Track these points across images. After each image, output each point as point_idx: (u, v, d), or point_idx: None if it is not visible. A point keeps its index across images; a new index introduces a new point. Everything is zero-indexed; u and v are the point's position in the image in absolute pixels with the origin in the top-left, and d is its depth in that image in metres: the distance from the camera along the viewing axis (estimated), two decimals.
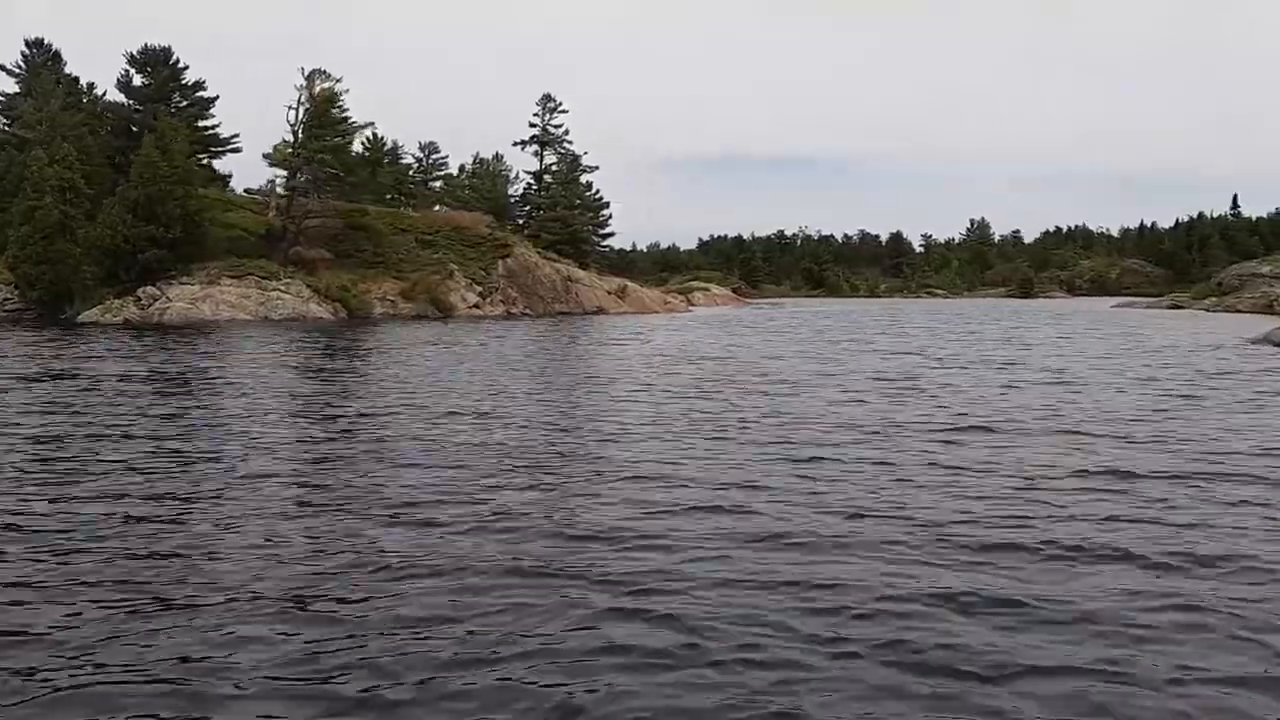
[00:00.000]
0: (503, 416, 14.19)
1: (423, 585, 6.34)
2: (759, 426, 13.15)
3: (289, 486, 9.35)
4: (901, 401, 15.90)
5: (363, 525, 7.89)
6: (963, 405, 15.33)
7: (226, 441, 11.76)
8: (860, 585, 6.33)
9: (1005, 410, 14.75)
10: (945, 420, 13.65)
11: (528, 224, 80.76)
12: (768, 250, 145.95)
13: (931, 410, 14.79)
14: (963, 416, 14.01)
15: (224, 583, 6.37)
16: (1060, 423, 13.45)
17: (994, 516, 8.16)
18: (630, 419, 13.81)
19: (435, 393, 17.10)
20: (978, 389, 17.76)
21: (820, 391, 17.35)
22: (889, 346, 30.07)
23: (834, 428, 13.01)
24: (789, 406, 15.32)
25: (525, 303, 53.91)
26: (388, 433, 12.65)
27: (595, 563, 6.83)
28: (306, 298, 45.36)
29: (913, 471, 10.10)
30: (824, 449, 11.37)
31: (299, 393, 17.44)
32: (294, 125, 52.01)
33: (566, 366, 23.16)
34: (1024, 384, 18.58)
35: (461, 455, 11.01)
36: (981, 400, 16.12)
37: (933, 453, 11.15)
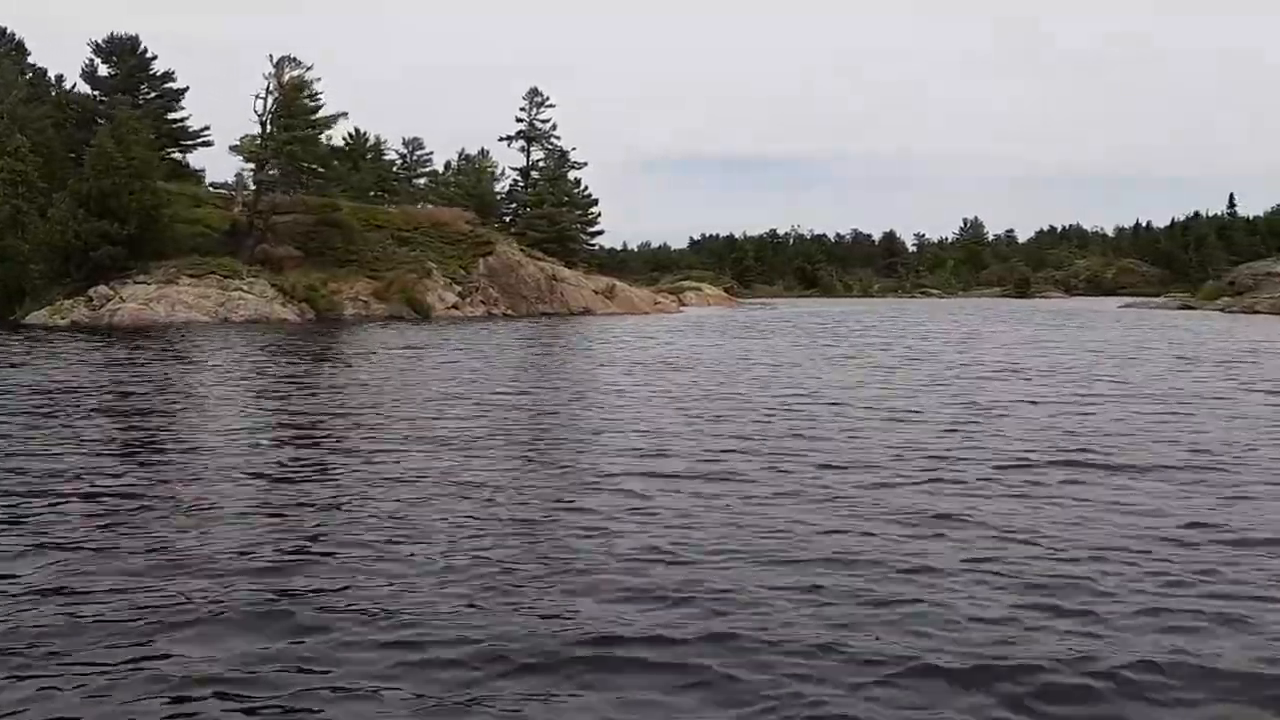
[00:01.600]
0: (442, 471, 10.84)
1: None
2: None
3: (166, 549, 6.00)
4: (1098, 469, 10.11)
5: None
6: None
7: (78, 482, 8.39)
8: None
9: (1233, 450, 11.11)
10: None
11: (514, 222, 77.39)
12: (760, 250, 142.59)
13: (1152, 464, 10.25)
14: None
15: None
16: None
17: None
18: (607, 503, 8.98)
19: (365, 418, 13.75)
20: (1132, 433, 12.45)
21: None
22: (957, 358, 24.08)
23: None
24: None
25: (507, 303, 50.51)
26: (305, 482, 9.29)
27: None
28: (270, 298, 41.91)
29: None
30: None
31: (199, 420, 14.02)
32: (261, 115, 48.58)
33: (523, 394, 19.77)
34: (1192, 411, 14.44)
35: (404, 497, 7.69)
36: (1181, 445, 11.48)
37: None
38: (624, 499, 8.56)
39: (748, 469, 9.91)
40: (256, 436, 11.98)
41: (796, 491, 8.88)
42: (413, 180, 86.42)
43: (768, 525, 7.66)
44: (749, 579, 6.31)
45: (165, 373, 19.66)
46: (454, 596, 5.98)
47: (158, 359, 22.96)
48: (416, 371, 20.64)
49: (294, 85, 48.11)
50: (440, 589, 6.11)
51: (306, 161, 48.71)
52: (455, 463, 10.25)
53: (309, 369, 21.22)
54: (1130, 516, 7.99)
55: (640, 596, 5.98)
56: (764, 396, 16.20)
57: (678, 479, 9.40)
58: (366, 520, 7.79)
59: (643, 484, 9.20)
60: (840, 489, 8.99)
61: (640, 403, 15.48)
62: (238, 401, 15.67)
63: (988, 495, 8.81)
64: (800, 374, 20.37)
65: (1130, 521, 7.82)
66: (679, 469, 9.89)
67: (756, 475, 9.62)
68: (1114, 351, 26.45)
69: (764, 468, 10.00)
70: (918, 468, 10.02)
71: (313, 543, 7.17)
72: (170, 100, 62.39)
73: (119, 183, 42.32)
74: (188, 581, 6.20)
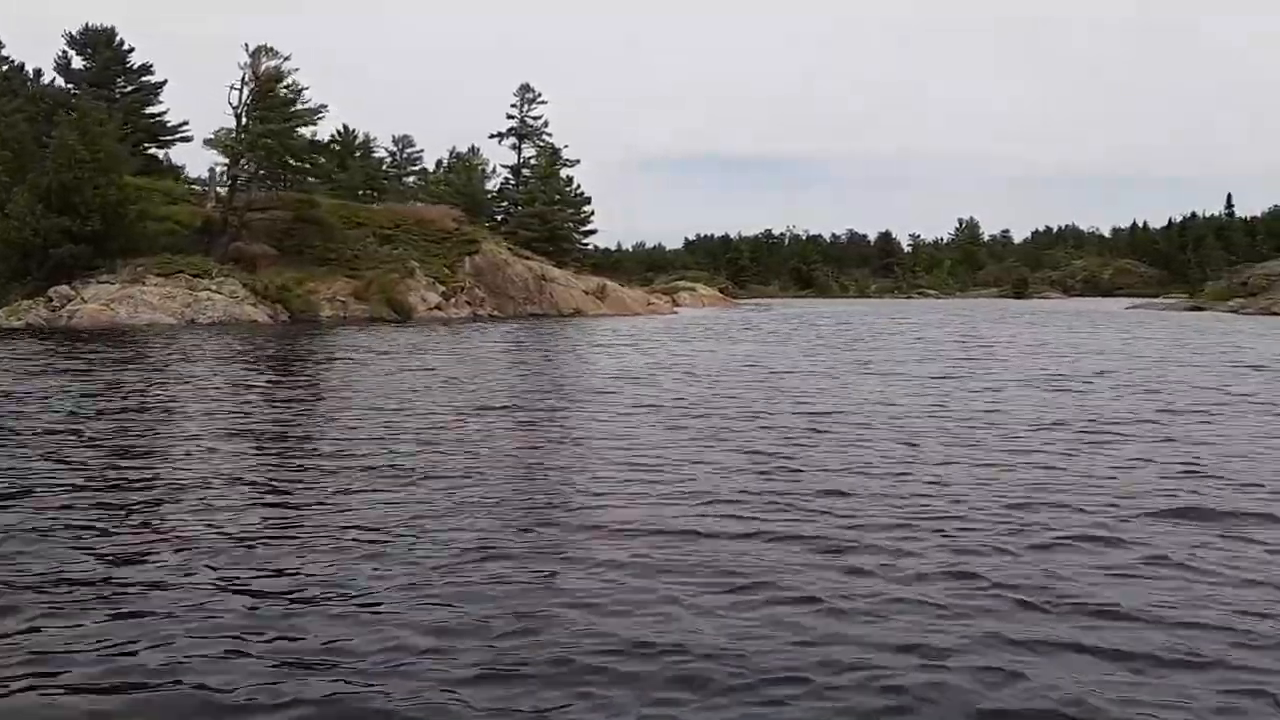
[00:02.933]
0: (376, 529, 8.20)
1: None
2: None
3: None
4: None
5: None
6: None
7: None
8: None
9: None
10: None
11: (506, 221, 74.74)
12: (755, 250, 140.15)
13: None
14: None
15: None
16: None
17: None
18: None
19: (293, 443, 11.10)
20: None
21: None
22: (1011, 371, 20.29)
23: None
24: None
25: (494, 303, 47.86)
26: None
27: None
28: (241, 298, 39.19)
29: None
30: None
31: (97, 446, 11.36)
32: (236, 108, 45.83)
33: (489, 412, 17.11)
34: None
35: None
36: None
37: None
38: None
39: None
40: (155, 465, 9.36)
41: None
42: (403, 178, 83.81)
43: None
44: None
45: (63, 384, 16.98)
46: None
47: (89, 365, 20.28)
48: (363, 384, 17.99)
49: (271, 76, 45.41)
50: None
51: (283, 155, 46.00)
52: (397, 514, 7.62)
53: (247, 378, 18.55)
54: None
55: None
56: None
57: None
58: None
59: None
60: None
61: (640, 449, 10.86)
62: (126, 420, 13.02)
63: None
64: (865, 395, 16.14)
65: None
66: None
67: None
68: (1174, 357, 23.84)
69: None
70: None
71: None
72: (148, 94, 59.68)
73: (82, 177, 39.62)
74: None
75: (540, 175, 75.59)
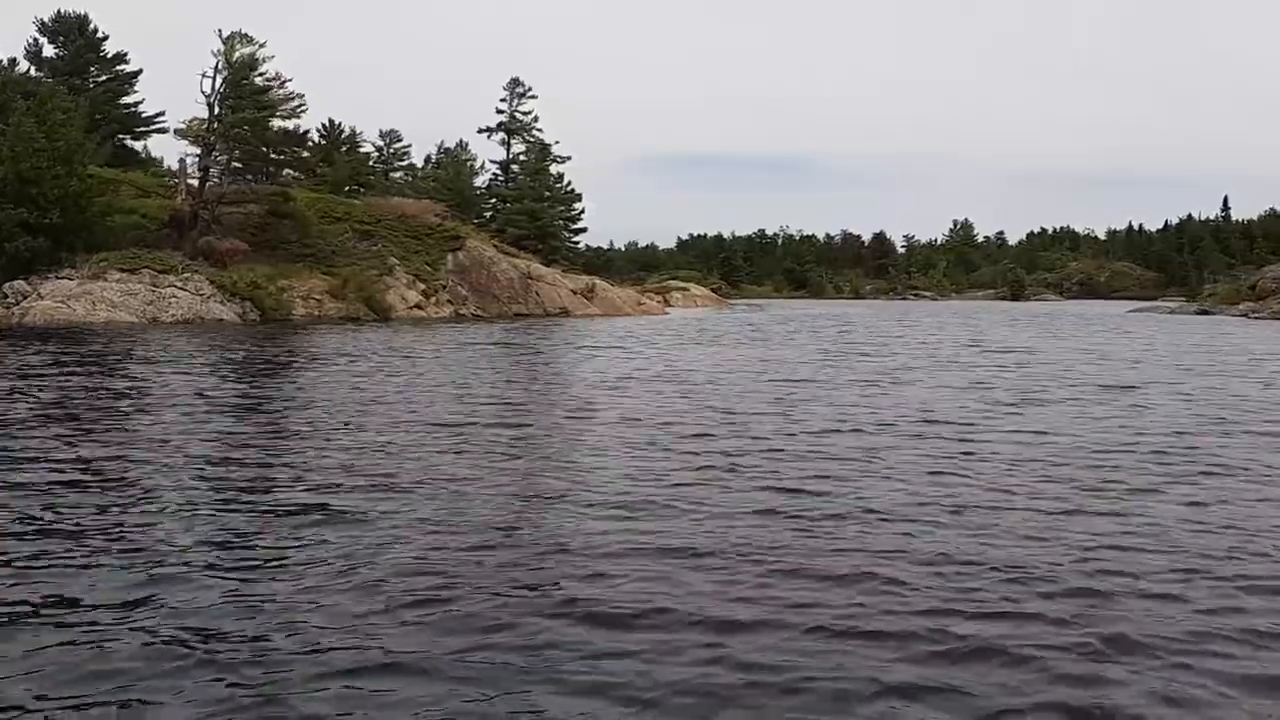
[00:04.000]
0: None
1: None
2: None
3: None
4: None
5: None
6: None
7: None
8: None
9: None
10: None
11: (494, 218, 72.34)
12: (748, 250, 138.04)
13: None
14: None
15: None
16: None
17: None
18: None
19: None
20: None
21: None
22: (1064, 375, 18.55)
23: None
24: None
25: (477, 303, 45.48)
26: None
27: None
28: (206, 296, 36.76)
29: None
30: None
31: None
32: (209, 96, 43.33)
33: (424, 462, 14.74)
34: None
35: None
36: None
37: None
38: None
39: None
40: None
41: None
42: (390, 174, 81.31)
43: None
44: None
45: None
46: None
47: (41, 369, 17.90)
48: (307, 395, 15.65)
49: (244, 63, 42.96)
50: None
51: (257, 146, 43.56)
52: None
53: (173, 386, 16.19)
54: None
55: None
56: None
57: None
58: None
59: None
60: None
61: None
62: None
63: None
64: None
65: None
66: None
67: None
68: (1232, 367, 21.61)
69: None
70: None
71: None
72: (123, 84, 57.24)
73: (41, 167, 37.17)
74: None
75: (530, 171, 73.23)
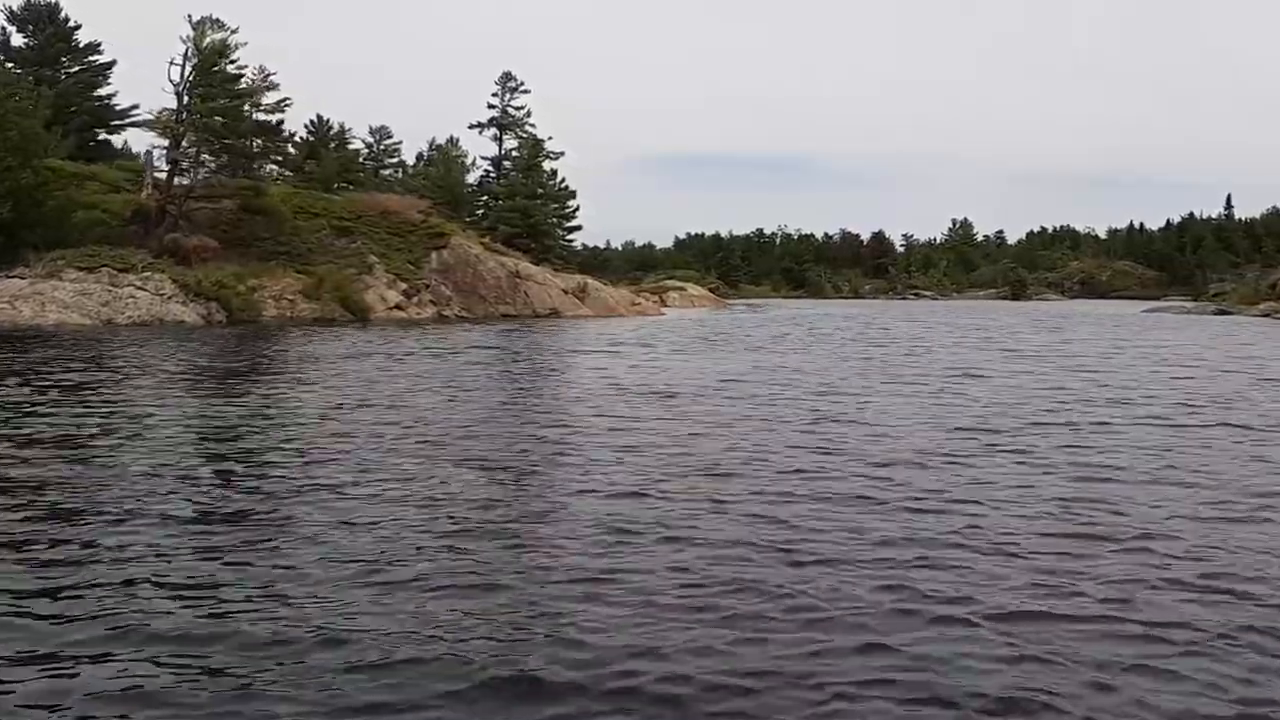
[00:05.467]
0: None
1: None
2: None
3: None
4: None
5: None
6: None
7: None
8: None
9: None
10: None
11: (486, 215, 69.45)
12: (746, 249, 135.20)
13: None
14: None
15: None
16: None
17: None
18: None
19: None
20: None
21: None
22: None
23: None
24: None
25: (462, 303, 42.63)
26: None
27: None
28: (168, 296, 33.88)
29: None
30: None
31: None
32: (177, 85, 40.47)
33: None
34: None
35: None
36: None
37: None
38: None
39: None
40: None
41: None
42: (379, 171, 78.38)
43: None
44: None
45: None
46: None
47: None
48: (235, 414, 12.82)
49: (214, 50, 40.10)
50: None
51: (228, 137, 40.72)
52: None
53: (84, 397, 13.33)
54: None
55: None
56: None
57: None
58: None
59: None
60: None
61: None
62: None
63: None
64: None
65: None
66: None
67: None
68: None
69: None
70: None
71: None
72: (95, 75, 54.31)
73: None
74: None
75: (522, 168, 70.31)
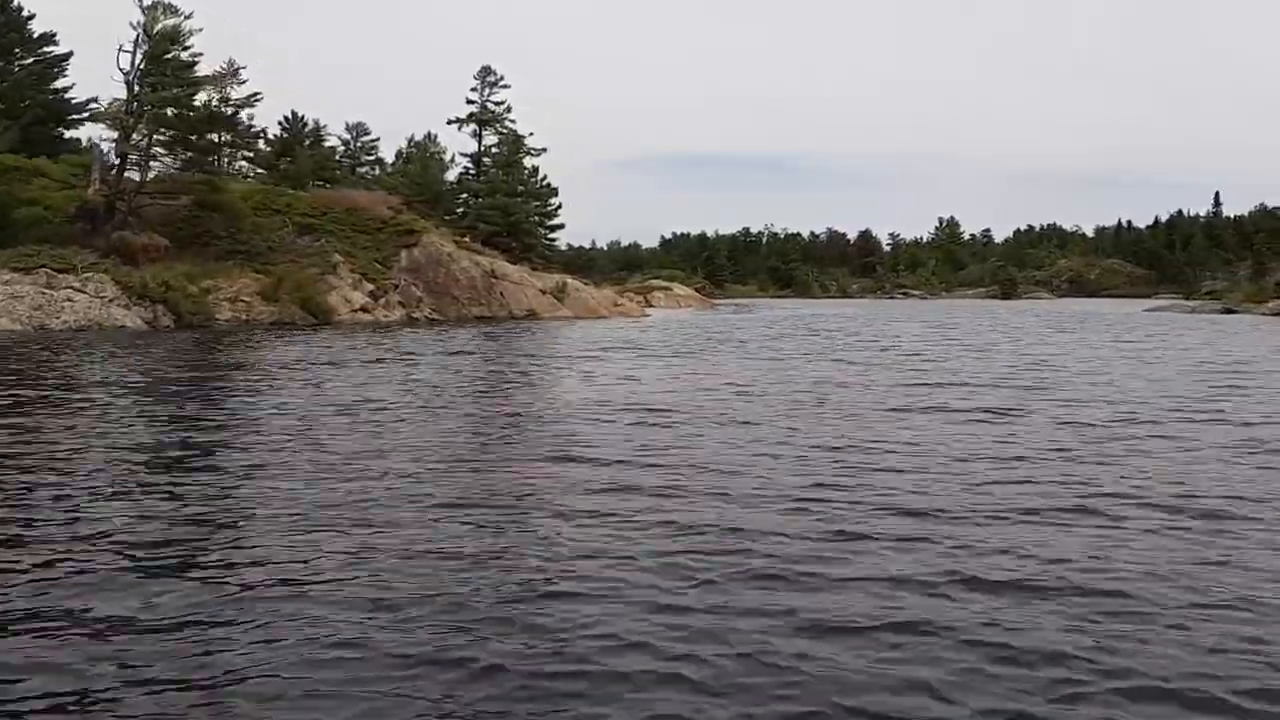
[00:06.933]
0: None
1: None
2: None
3: None
4: None
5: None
6: None
7: None
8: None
9: None
10: None
11: (465, 213, 66.62)
12: (733, 248, 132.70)
13: None
14: None
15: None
16: None
17: None
18: None
19: None
20: None
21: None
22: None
23: None
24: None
25: (433, 304, 39.82)
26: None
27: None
28: (109, 299, 31.00)
29: None
30: None
31: None
32: (128, 73, 37.54)
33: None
34: None
35: None
36: None
37: None
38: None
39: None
40: None
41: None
42: (356, 169, 75.45)
43: None
44: None
45: None
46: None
47: None
48: (94, 453, 10.06)
49: (166, 35, 37.20)
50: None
51: (181, 129, 37.83)
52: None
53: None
54: None
55: None
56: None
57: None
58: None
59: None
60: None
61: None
62: None
63: None
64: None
65: None
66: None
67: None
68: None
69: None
70: None
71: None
72: (50, 67, 51.25)
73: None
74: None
75: (502, 164, 67.47)
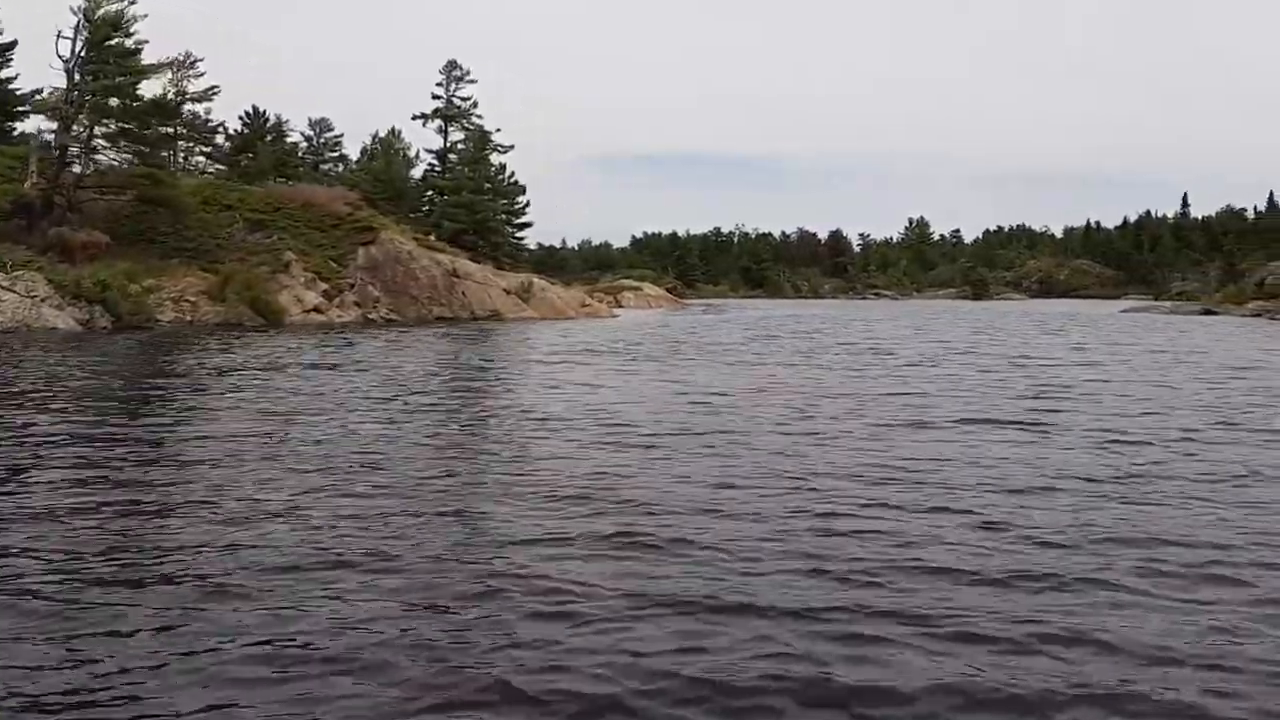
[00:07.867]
0: None
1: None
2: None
3: None
4: None
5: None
6: None
7: None
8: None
9: None
10: None
11: (431, 212, 64.76)
12: (704, 249, 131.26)
13: None
14: None
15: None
16: None
17: None
18: None
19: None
20: None
21: None
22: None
23: None
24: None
25: (391, 304, 38.02)
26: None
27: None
28: (40, 298, 28.99)
29: None
30: None
31: None
32: (68, 61, 35.48)
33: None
34: None
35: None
36: None
37: None
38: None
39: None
40: None
41: None
42: (319, 165, 73.23)
43: None
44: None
45: None
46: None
47: None
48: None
49: (108, 21, 35.17)
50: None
51: (124, 119, 35.81)
52: None
53: None
54: None
55: None
56: None
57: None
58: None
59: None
60: None
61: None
62: None
63: None
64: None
65: None
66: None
67: None
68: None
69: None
70: None
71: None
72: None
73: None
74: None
75: (468, 161, 65.66)
